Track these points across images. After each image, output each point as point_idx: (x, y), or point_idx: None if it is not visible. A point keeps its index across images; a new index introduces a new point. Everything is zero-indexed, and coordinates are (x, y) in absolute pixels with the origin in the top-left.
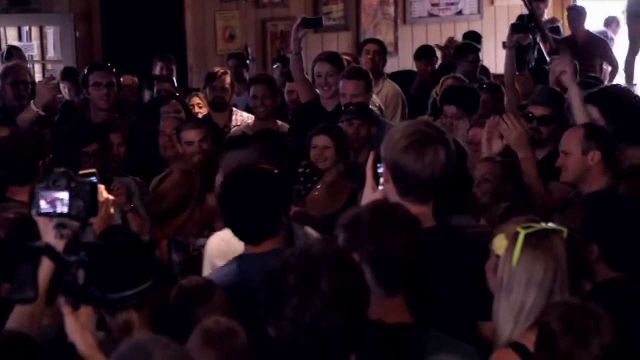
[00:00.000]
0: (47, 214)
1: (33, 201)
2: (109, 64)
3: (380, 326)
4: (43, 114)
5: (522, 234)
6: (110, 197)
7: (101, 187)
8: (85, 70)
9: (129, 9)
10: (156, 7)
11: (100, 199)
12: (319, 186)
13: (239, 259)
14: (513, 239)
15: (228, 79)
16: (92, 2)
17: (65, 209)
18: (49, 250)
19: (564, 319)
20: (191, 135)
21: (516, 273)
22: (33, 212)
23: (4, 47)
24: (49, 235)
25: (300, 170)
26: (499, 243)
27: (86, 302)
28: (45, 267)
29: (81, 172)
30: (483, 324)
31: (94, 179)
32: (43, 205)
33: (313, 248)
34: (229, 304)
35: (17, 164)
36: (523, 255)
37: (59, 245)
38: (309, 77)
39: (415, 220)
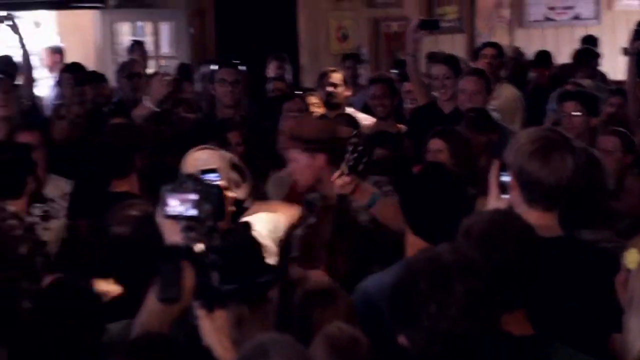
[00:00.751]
0: (175, 217)
1: (160, 202)
2: (236, 62)
3: (508, 337)
4: (157, 109)
5: None
6: (231, 195)
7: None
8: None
9: (243, 7)
10: (269, 5)
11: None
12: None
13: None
14: None
15: (340, 77)
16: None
17: (194, 212)
18: (189, 253)
19: None
20: None
21: None
22: (160, 213)
23: (121, 42)
24: (174, 237)
25: None
26: (631, 257)
27: (221, 305)
28: (187, 270)
29: (203, 168)
30: (613, 337)
31: (216, 175)
32: (171, 207)
33: (442, 255)
34: (353, 311)
35: (112, 157)
36: None
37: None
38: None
39: (531, 233)
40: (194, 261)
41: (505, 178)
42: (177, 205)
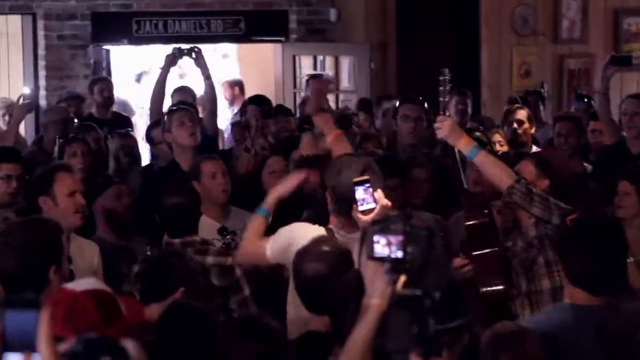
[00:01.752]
0: (381, 259)
1: (365, 242)
2: (420, 97)
3: None
4: None
5: None
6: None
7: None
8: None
9: (425, 40)
10: (452, 39)
11: None
12: None
13: (574, 308)
14: None
15: (525, 113)
16: (389, 33)
17: (400, 254)
18: (415, 300)
19: None
20: None
21: None
22: (364, 253)
23: (302, 75)
24: (378, 279)
25: None
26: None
27: (438, 353)
28: None
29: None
30: None
31: (368, 185)
32: (378, 249)
33: None
34: (541, 354)
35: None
36: None
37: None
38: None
39: None
40: (415, 308)
41: None
42: (384, 246)
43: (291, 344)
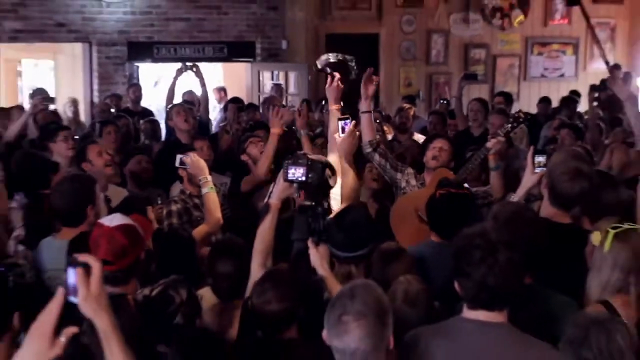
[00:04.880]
0: (291, 180)
1: (282, 171)
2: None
3: (526, 287)
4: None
5: (611, 232)
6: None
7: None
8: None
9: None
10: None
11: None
12: None
13: (435, 243)
14: (605, 234)
15: (411, 111)
16: (320, 54)
17: (303, 178)
18: (311, 207)
19: None
20: None
21: (606, 259)
22: (281, 178)
23: (264, 84)
24: (281, 191)
25: None
26: (595, 237)
27: (323, 241)
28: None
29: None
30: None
31: (348, 122)
32: (290, 174)
33: (489, 233)
34: (414, 265)
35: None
36: (612, 246)
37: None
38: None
39: (540, 220)
40: (311, 212)
41: (540, 158)
42: (293, 173)
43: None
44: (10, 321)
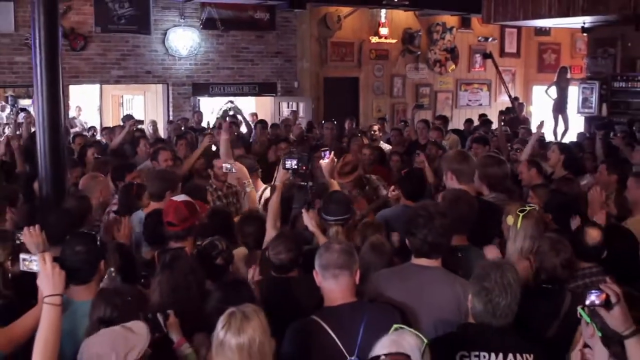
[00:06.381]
0: (288, 169)
1: (281, 162)
2: (334, 121)
3: (453, 248)
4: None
5: (521, 215)
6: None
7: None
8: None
9: (336, 96)
10: (349, 97)
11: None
12: None
13: (404, 206)
14: (516, 215)
15: (377, 128)
16: (319, 92)
17: (296, 166)
18: (303, 186)
19: (550, 244)
20: None
21: (519, 232)
22: (281, 166)
23: (282, 110)
24: (282, 177)
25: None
26: (510, 219)
27: (312, 207)
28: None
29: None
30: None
31: (327, 152)
32: (287, 164)
33: (430, 206)
34: (382, 228)
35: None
36: (522, 224)
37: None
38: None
39: (473, 198)
40: (302, 189)
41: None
42: (290, 163)
43: None
44: (99, 267)
